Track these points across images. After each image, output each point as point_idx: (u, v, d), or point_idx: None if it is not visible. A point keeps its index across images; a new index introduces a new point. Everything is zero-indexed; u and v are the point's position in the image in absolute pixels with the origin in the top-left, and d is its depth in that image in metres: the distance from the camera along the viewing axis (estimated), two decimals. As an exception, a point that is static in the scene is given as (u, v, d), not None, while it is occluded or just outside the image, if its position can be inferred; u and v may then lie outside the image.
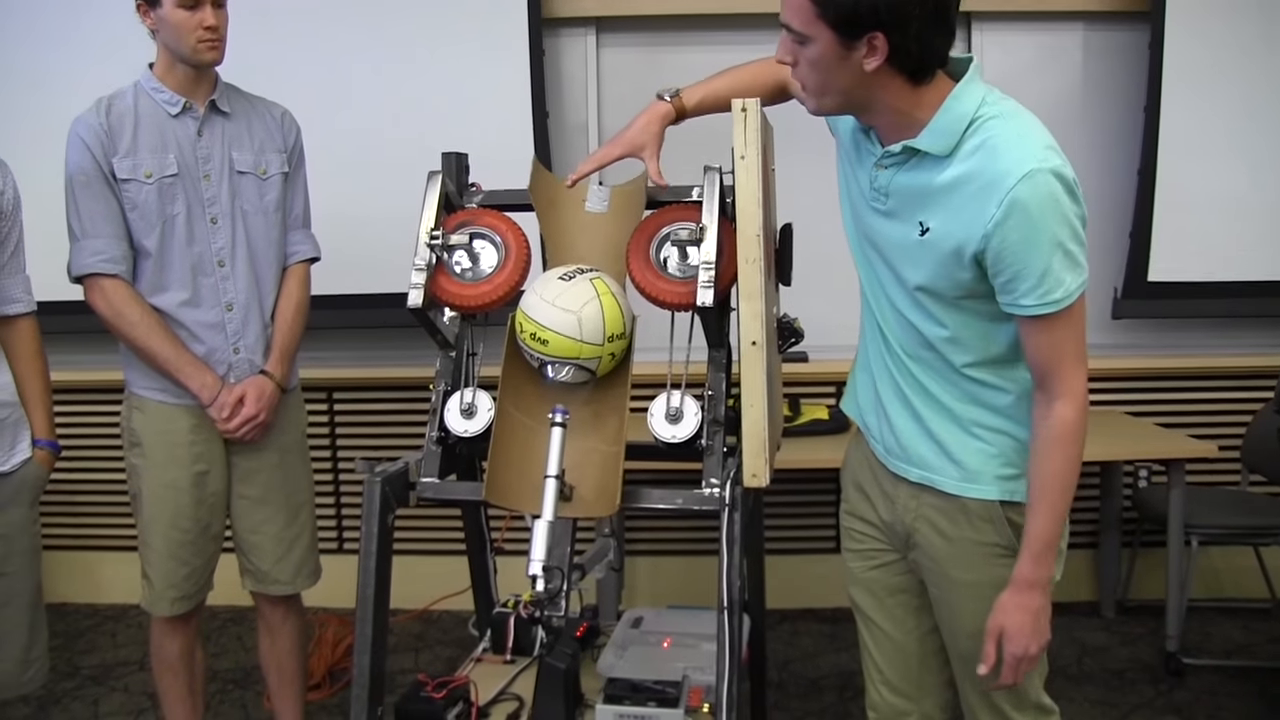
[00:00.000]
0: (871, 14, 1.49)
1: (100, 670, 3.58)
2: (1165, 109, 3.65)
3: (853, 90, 1.59)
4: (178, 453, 2.42)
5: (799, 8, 1.53)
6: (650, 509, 1.92)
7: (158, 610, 2.47)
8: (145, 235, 2.35)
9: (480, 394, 2.00)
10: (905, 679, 1.91)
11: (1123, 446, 3.47)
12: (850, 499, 1.96)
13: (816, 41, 1.54)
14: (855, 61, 1.54)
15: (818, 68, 1.58)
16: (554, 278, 1.96)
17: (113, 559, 4.10)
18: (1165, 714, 3.09)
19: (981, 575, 1.74)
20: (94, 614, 4.09)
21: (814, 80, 1.61)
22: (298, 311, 2.54)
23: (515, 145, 3.62)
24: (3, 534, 2.18)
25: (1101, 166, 3.87)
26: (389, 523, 1.89)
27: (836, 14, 1.50)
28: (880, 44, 1.52)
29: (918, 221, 1.63)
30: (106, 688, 3.44)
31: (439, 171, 2.06)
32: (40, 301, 2.32)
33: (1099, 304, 3.88)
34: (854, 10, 1.49)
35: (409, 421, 4.00)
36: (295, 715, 2.70)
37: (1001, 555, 1.73)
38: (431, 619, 3.91)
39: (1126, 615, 3.86)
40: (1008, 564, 1.70)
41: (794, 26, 1.56)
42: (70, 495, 4.13)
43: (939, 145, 1.59)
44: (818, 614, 3.90)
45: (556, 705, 1.97)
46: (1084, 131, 3.86)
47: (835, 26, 1.52)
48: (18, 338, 2.27)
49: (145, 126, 2.34)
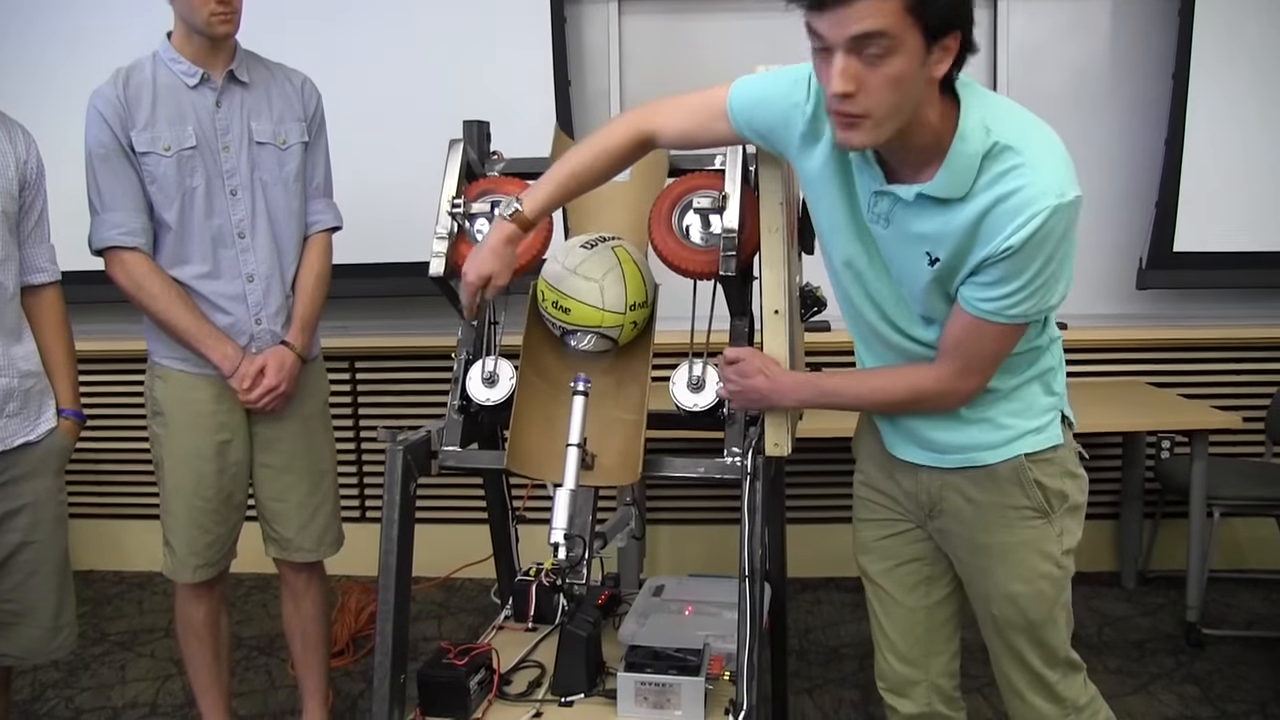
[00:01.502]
0: (960, 12, 1.40)
1: (127, 636, 3.62)
2: (1194, 77, 3.60)
3: (911, 108, 1.44)
4: (200, 422, 2.43)
5: (882, 8, 1.33)
6: (672, 477, 1.92)
7: (180, 577, 2.49)
8: (165, 208, 2.34)
9: (502, 362, 2.00)
10: (914, 648, 1.91)
11: (1146, 417, 3.45)
12: (866, 470, 1.94)
13: (903, 49, 1.37)
14: (927, 71, 1.41)
15: (899, 84, 1.39)
16: (576, 246, 1.95)
17: (138, 527, 4.13)
18: (1185, 684, 3.08)
19: (1011, 537, 1.74)
20: (120, 581, 4.13)
21: (887, 101, 1.41)
22: (319, 281, 2.53)
23: (537, 113, 3.60)
24: (29, 502, 2.19)
25: (1128, 135, 3.84)
26: (411, 491, 1.89)
27: (933, 10, 1.35)
28: (953, 45, 1.41)
29: (924, 252, 1.57)
30: (133, 653, 3.48)
31: (460, 140, 2.06)
32: (65, 271, 2.32)
33: (1123, 274, 3.87)
34: (952, 7, 1.38)
35: (431, 390, 4.01)
36: (319, 681, 2.72)
37: (1031, 517, 1.73)
38: (454, 587, 3.93)
39: (1147, 586, 3.84)
40: (1037, 526, 1.71)
41: (880, 30, 1.35)
42: (96, 464, 4.16)
43: (955, 189, 1.49)
44: (839, 583, 3.91)
45: (578, 672, 1.98)
46: (1111, 100, 3.83)
47: (928, 26, 1.36)
48: (43, 307, 2.27)
49: (163, 99, 2.33)
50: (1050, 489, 1.72)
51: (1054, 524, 1.74)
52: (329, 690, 2.77)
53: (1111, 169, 3.85)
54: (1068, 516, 1.76)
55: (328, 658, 2.76)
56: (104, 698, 3.17)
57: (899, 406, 1.74)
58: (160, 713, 3.08)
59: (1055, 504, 1.73)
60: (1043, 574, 1.74)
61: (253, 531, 2.60)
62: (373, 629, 2.69)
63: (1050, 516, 1.73)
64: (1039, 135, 1.51)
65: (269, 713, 3.08)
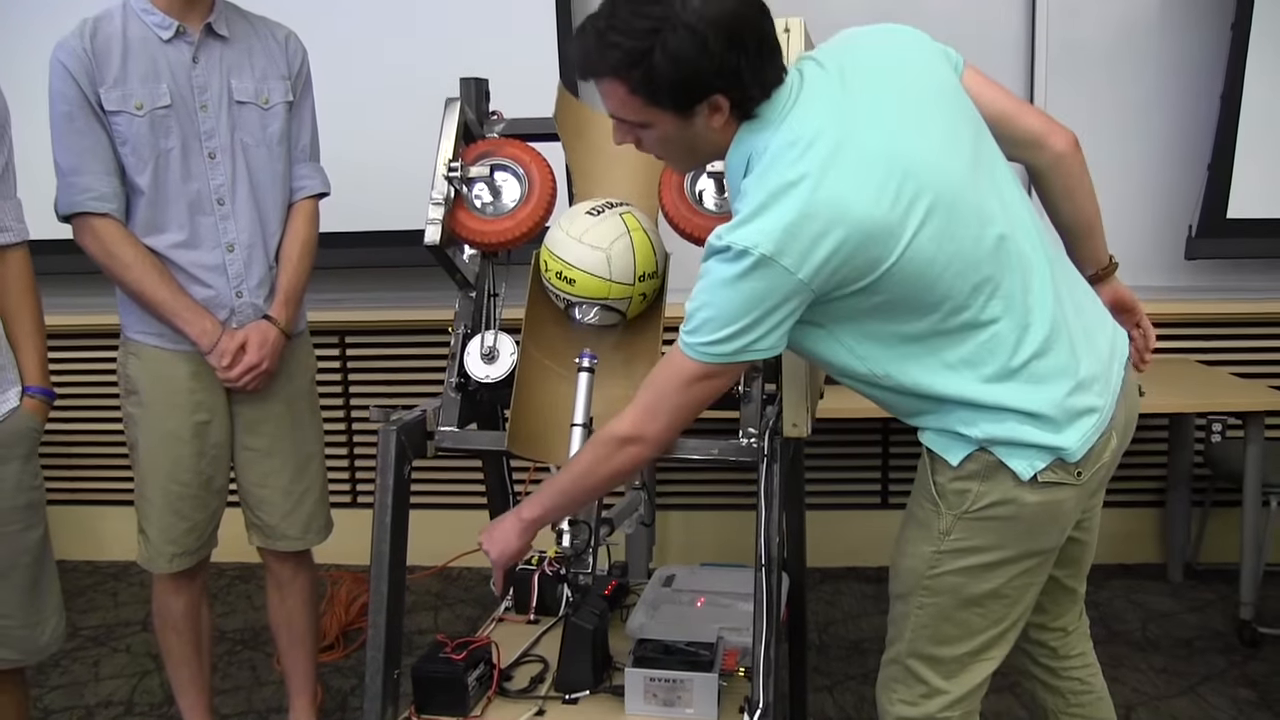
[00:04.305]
0: (702, 83, 1.53)
1: (101, 630, 3.65)
2: (1256, 25, 3.54)
3: (708, 147, 1.64)
4: (177, 401, 2.43)
5: (626, 102, 1.57)
6: (684, 460, 1.93)
7: (156, 567, 2.50)
8: (138, 172, 2.33)
9: (502, 337, 2.01)
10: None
11: (1195, 398, 3.44)
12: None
13: (657, 125, 1.59)
14: (701, 125, 1.58)
15: (668, 145, 1.64)
16: (581, 212, 1.96)
17: (113, 513, 4.17)
18: (1238, 686, 3.08)
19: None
20: (94, 571, 4.17)
21: (669, 154, 1.69)
22: (305, 250, 2.52)
23: (539, 70, 3.59)
24: None
25: (1179, 92, 3.80)
26: (405, 474, 1.91)
27: (670, 96, 1.54)
28: (721, 102, 1.56)
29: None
30: (108, 649, 3.51)
31: (457, 99, 2.06)
32: (32, 240, 2.23)
33: (1171, 244, 3.84)
34: (684, 86, 1.53)
35: (426, 367, 4.03)
36: (306, 677, 2.74)
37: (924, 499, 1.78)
38: (451, 576, 3.96)
39: (1195, 579, 3.84)
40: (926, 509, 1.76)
41: (628, 119, 1.60)
42: (68, 447, 4.19)
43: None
44: (861, 573, 3.94)
45: (583, 668, 1.99)
46: (1162, 53, 3.79)
47: (672, 107, 1.55)
48: (6, 271, 2.17)
49: (135, 53, 2.30)
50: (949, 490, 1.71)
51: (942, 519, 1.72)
52: (317, 687, 2.80)
53: (1159, 128, 3.83)
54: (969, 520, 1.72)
55: (316, 652, 2.78)
56: (76, 696, 3.20)
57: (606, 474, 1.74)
58: (136, 712, 3.11)
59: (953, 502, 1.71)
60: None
61: (236, 517, 2.61)
62: (364, 621, 2.72)
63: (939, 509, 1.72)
64: (769, 190, 1.51)
65: (253, 711, 3.10)
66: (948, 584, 1.72)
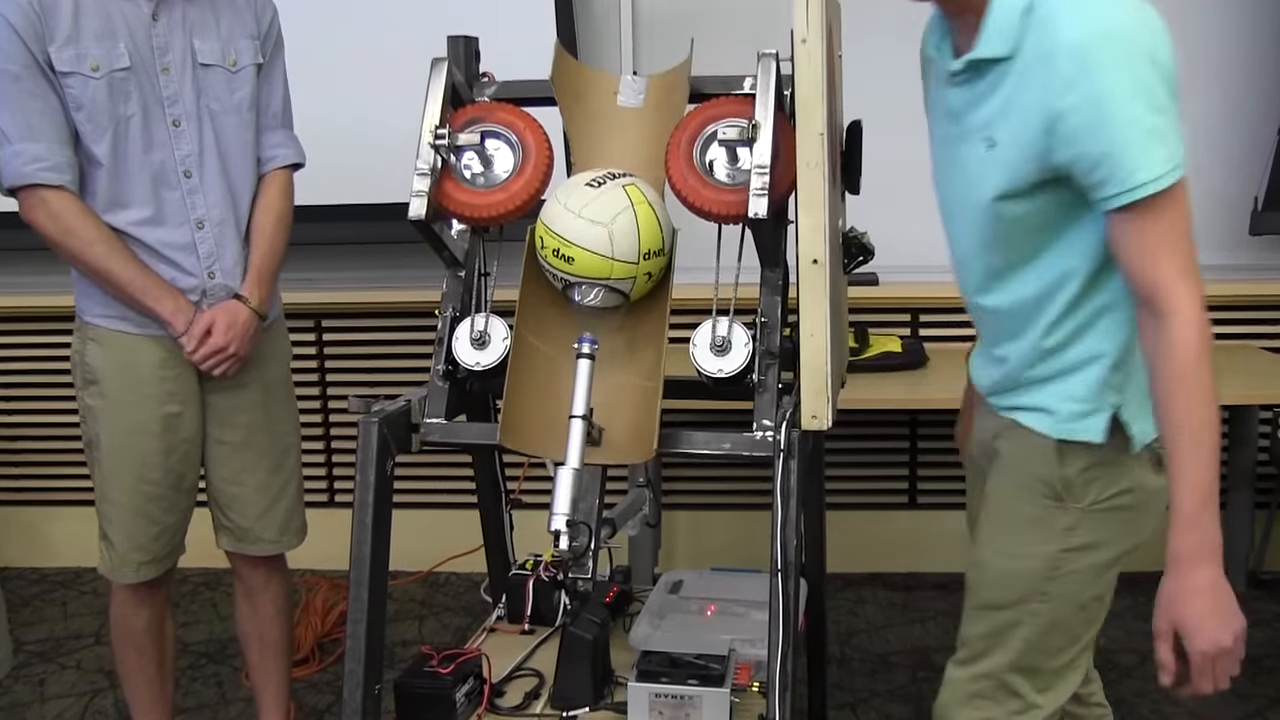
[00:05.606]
0: None
1: (48, 645, 3.65)
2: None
3: None
4: (145, 391, 2.43)
5: None
6: (692, 455, 1.94)
7: (121, 578, 2.50)
8: (95, 140, 2.32)
9: (494, 321, 2.02)
10: None
11: (1260, 388, 3.45)
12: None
13: None
14: None
15: None
16: (581, 184, 1.96)
17: (62, 515, 4.19)
18: (1309, 707, 3.07)
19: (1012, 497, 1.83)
20: (40, 580, 4.18)
21: None
22: (279, 225, 2.54)
23: (535, 28, 3.59)
24: None
25: (1243, 43, 3.79)
26: (388, 471, 1.93)
27: None
28: None
29: (982, 139, 1.66)
30: (55, 665, 3.52)
31: (444, 59, 2.05)
32: None
33: (1235, 217, 3.82)
34: None
35: (411, 354, 4.05)
36: (279, 693, 2.76)
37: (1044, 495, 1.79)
38: (438, 582, 3.99)
39: (1261, 589, 3.86)
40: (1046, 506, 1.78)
41: None
42: (11, 442, 4.22)
43: (999, 47, 1.60)
44: (887, 579, 3.92)
45: (582, 682, 2.02)
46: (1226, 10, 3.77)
47: None
48: None
49: (87, 8, 2.28)
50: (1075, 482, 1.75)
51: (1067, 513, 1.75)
52: (290, 704, 2.83)
53: (1220, 91, 3.83)
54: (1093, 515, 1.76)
55: (289, 666, 2.81)
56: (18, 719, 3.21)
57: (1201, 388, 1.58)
58: (90, 733, 3.13)
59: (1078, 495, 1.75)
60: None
61: (201, 519, 2.62)
62: (342, 632, 2.73)
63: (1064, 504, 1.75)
64: None
65: (220, 730, 3.13)
66: (1067, 587, 1.75)
